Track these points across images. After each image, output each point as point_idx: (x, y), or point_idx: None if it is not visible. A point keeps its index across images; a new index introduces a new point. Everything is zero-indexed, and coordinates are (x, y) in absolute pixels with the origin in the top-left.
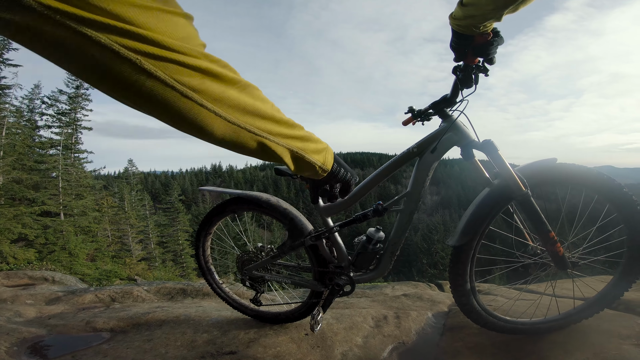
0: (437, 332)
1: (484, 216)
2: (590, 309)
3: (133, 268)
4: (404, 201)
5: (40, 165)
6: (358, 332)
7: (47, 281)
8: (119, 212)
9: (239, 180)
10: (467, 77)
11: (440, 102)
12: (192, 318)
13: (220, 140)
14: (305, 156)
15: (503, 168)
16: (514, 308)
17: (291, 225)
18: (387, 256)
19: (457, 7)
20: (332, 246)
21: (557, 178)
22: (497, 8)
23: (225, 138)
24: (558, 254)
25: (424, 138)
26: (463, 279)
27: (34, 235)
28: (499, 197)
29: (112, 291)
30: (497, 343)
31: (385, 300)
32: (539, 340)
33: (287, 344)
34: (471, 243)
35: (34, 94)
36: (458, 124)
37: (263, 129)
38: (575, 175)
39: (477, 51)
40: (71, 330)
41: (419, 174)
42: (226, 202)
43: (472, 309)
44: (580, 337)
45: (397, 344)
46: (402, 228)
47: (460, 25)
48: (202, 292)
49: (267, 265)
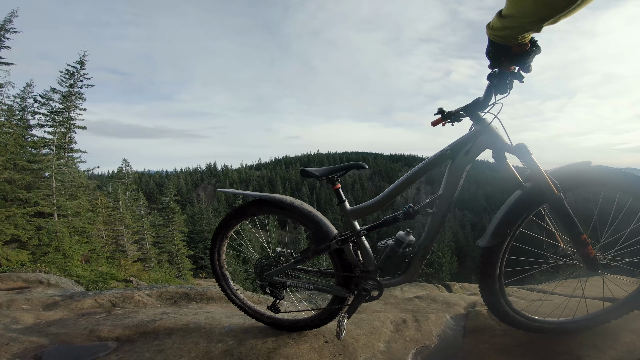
0: (459, 334)
1: (515, 218)
2: (620, 309)
3: (128, 269)
4: (436, 204)
5: (33, 165)
6: (379, 337)
7: (42, 284)
8: (114, 212)
9: (234, 179)
10: (501, 84)
11: (473, 105)
12: (203, 326)
13: None
14: None
15: (536, 171)
16: (542, 308)
17: (316, 229)
18: (417, 260)
19: (495, 17)
20: (358, 250)
21: (591, 181)
22: (537, 21)
23: None
24: (589, 256)
25: (457, 140)
26: (492, 279)
27: (27, 236)
28: (531, 200)
29: (112, 295)
30: (523, 344)
31: (397, 302)
32: (567, 340)
33: (308, 353)
34: (501, 245)
35: (26, 93)
36: (491, 127)
37: None
38: (609, 179)
39: (513, 60)
40: (75, 339)
41: (452, 176)
42: (246, 205)
43: (500, 309)
44: (610, 336)
45: (420, 348)
46: (433, 231)
47: (498, 35)
48: (207, 297)
49: (289, 270)
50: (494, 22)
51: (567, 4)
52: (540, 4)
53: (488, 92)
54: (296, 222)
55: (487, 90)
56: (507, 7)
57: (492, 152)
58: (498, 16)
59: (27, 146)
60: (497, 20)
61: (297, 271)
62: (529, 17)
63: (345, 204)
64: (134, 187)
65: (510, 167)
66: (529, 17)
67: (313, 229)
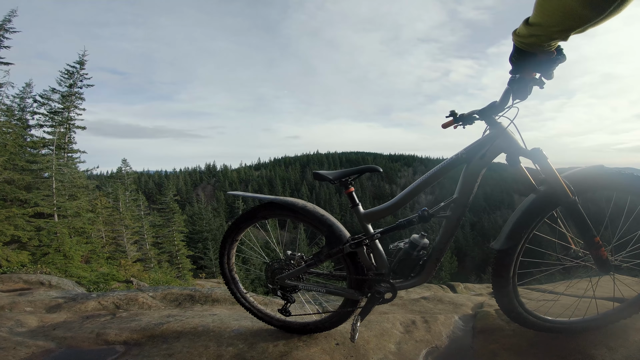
0: (468, 335)
1: (529, 222)
2: (630, 309)
3: (128, 269)
4: (451, 207)
5: (33, 165)
6: (389, 338)
7: (44, 285)
8: (114, 212)
9: (234, 179)
10: (522, 90)
11: (489, 109)
12: (211, 329)
13: None
14: None
15: (551, 176)
16: (552, 309)
17: (329, 232)
18: (431, 263)
19: (521, 25)
20: (372, 253)
21: (603, 184)
22: (564, 30)
23: None
24: (602, 257)
25: (473, 144)
26: (506, 280)
27: (27, 237)
28: (545, 203)
29: (115, 297)
30: (534, 344)
31: (404, 304)
32: (578, 339)
33: (320, 356)
34: (516, 247)
35: (26, 93)
36: (507, 131)
37: None
38: (621, 182)
39: (537, 67)
40: (82, 343)
41: (467, 180)
42: (257, 208)
43: (513, 309)
44: (620, 335)
45: (431, 349)
46: (448, 234)
47: (524, 42)
48: (212, 299)
49: (300, 273)
50: (520, 29)
51: (594, 15)
52: (567, 15)
53: (505, 97)
54: (309, 226)
55: (504, 94)
56: (534, 16)
57: (506, 155)
58: (525, 24)
59: (26, 146)
60: (523, 27)
61: (309, 274)
62: (556, 27)
63: (358, 207)
64: (134, 187)
65: (525, 170)
66: (556, 26)
67: (326, 232)
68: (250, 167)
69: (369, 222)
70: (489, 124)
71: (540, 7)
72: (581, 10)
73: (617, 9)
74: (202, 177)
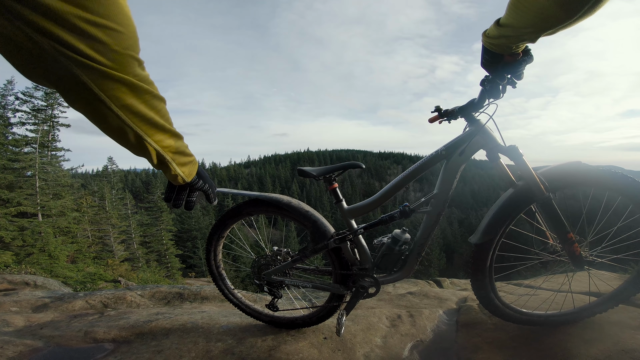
0: (452, 329)
1: (505, 217)
2: (606, 303)
3: (116, 269)
4: (432, 203)
5: (15, 164)
6: (376, 332)
7: (29, 285)
8: (100, 211)
9: (223, 177)
10: (494, 90)
11: (468, 107)
12: (200, 326)
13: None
14: (171, 163)
15: (526, 172)
16: (530, 302)
17: (314, 228)
18: (413, 257)
19: (492, 25)
20: (356, 248)
21: (581, 181)
22: (535, 31)
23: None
24: (575, 253)
25: (452, 141)
26: (483, 274)
27: (10, 237)
28: (520, 199)
29: (103, 296)
30: (515, 337)
31: (391, 299)
32: (556, 333)
33: (308, 350)
34: (492, 241)
35: (7, 90)
36: (485, 128)
37: (146, 131)
38: (599, 178)
39: (506, 68)
40: (70, 341)
41: (447, 176)
42: (242, 205)
43: (490, 302)
44: (596, 329)
45: (416, 342)
46: (428, 230)
47: (493, 43)
48: (201, 296)
49: (287, 269)
50: (490, 30)
51: (568, 17)
52: (541, 16)
53: (482, 96)
54: (294, 222)
55: (480, 93)
56: (507, 17)
57: (485, 152)
58: (496, 24)
59: (8, 144)
60: (494, 28)
61: (295, 270)
62: (528, 28)
63: (342, 203)
64: (120, 186)
65: (504, 166)
66: (528, 27)
67: (311, 228)
68: (240, 165)
69: (352, 217)
70: (468, 121)
71: (513, 7)
72: (555, 11)
73: (590, 10)
74: None
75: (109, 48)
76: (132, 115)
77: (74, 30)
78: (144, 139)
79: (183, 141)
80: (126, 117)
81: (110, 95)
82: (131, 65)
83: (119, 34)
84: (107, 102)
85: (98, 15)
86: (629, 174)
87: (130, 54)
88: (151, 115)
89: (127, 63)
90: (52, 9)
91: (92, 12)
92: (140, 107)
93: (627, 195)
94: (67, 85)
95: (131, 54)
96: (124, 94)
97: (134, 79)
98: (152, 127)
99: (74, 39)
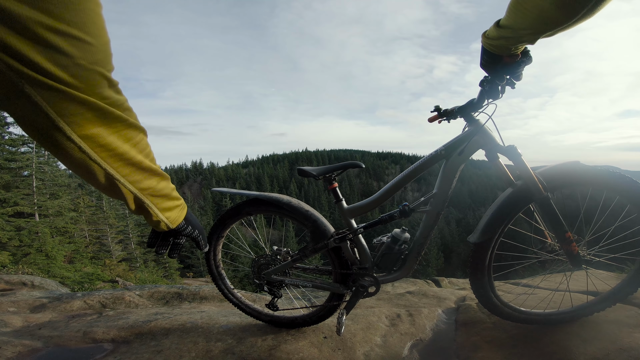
0: (451, 327)
1: (504, 216)
2: (604, 302)
3: (114, 269)
4: (431, 202)
5: (11, 163)
6: (375, 331)
7: (26, 286)
8: (97, 211)
9: (221, 177)
10: (493, 90)
11: (467, 106)
12: (200, 325)
13: (71, 163)
14: (152, 208)
15: (525, 172)
16: (528, 301)
17: (314, 228)
18: (413, 257)
19: (492, 27)
20: (355, 247)
21: (579, 180)
22: (534, 33)
23: (76, 163)
24: (573, 252)
25: (452, 140)
26: (482, 273)
27: (7, 237)
28: (519, 198)
29: (101, 296)
30: (514, 336)
31: (390, 298)
32: (554, 331)
33: (308, 349)
34: (491, 240)
35: None
36: (485, 128)
37: (119, 170)
38: (597, 178)
39: (505, 69)
40: (69, 342)
41: (446, 175)
42: (242, 204)
43: (489, 300)
44: (594, 327)
45: (415, 341)
46: (428, 229)
47: (492, 44)
48: (199, 296)
49: (286, 269)
50: (490, 32)
51: (567, 18)
52: (541, 18)
53: (481, 97)
54: (293, 221)
55: (479, 94)
56: (507, 18)
57: (484, 152)
58: (495, 26)
59: (4, 144)
60: (494, 29)
61: (295, 269)
62: (528, 29)
63: (342, 203)
64: None
65: (503, 166)
66: (528, 29)
67: (311, 227)
68: (238, 164)
69: (352, 217)
70: (467, 121)
71: (514, 9)
72: (555, 13)
73: (589, 13)
74: (189, 175)
75: (72, 61)
76: (100, 148)
77: (32, 37)
78: (116, 178)
79: (169, 182)
80: (91, 150)
81: (70, 121)
82: (99, 84)
83: (87, 46)
84: (65, 130)
85: (63, 22)
86: (626, 174)
87: (99, 70)
88: (124, 149)
89: (93, 81)
90: (6, 11)
91: (56, 17)
92: (109, 138)
93: (625, 194)
94: (16, 108)
95: (100, 70)
96: (87, 120)
97: (101, 102)
98: (127, 164)
99: (29, 48)
